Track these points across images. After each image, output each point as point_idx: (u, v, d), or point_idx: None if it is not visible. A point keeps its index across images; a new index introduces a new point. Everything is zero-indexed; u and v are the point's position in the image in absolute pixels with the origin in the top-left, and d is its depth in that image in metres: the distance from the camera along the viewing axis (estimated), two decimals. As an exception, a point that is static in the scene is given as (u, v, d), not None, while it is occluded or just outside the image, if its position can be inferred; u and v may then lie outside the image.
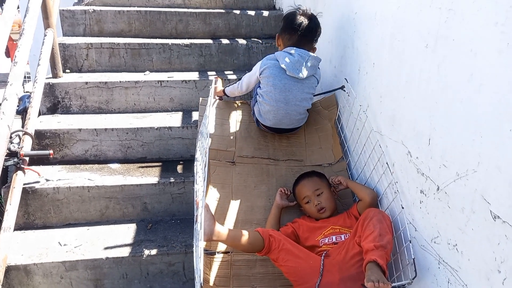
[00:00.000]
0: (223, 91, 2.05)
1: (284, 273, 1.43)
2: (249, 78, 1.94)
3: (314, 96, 1.93)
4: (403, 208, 1.33)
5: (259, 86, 1.87)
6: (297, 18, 1.81)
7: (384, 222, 1.31)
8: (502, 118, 0.90)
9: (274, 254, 1.41)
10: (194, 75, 2.69)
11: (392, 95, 1.44)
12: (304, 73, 1.77)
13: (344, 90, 1.86)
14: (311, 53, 1.80)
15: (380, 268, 1.17)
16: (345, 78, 1.86)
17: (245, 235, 1.42)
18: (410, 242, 1.26)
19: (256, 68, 1.88)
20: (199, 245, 1.15)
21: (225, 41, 2.94)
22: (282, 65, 1.76)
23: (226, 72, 2.80)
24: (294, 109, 1.82)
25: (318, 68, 1.85)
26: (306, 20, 1.81)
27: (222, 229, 1.40)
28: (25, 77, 5.43)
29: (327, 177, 1.69)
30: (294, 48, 1.79)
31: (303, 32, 1.80)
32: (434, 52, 1.16)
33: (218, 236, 1.39)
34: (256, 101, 1.89)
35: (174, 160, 2.35)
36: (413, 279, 1.18)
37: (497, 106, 0.91)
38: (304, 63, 1.77)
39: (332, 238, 1.50)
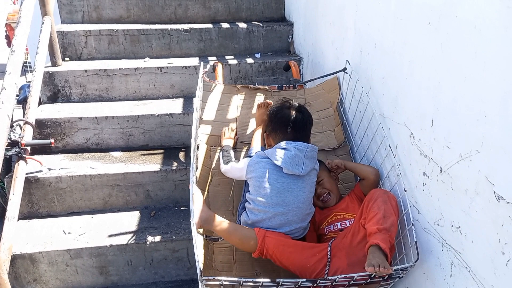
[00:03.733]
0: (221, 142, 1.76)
1: (293, 271, 1.38)
2: (235, 171, 1.58)
3: (315, 79, 1.90)
4: (405, 191, 1.32)
5: (248, 190, 1.53)
6: (287, 112, 1.57)
7: (389, 202, 1.28)
8: (507, 97, 0.87)
9: (275, 254, 1.35)
10: (194, 61, 2.66)
11: (394, 76, 1.40)
12: (305, 168, 1.46)
13: (346, 72, 1.82)
14: (307, 144, 1.53)
15: (382, 252, 1.16)
16: (347, 60, 1.82)
17: (238, 231, 1.39)
18: (413, 225, 1.25)
19: (244, 165, 1.54)
20: (192, 232, 1.14)
21: (225, 25, 2.89)
22: (277, 162, 1.45)
23: (227, 57, 2.77)
24: (295, 213, 1.44)
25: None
26: (297, 113, 1.57)
27: (215, 218, 1.37)
28: (27, 67, 5.42)
29: (324, 163, 1.66)
30: (288, 141, 1.51)
31: (297, 126, 1.55)
32: (437, 30, 1.13)
33: (209, 224, 1.36)
34: (245, 209, 1.52)
35: (176, 147, 2.34)
36: (415, 262, 1.17)
37: (502, 84, 0.88)
38: (303, 157, 1.47)
39: (337, 225, 1.49)
